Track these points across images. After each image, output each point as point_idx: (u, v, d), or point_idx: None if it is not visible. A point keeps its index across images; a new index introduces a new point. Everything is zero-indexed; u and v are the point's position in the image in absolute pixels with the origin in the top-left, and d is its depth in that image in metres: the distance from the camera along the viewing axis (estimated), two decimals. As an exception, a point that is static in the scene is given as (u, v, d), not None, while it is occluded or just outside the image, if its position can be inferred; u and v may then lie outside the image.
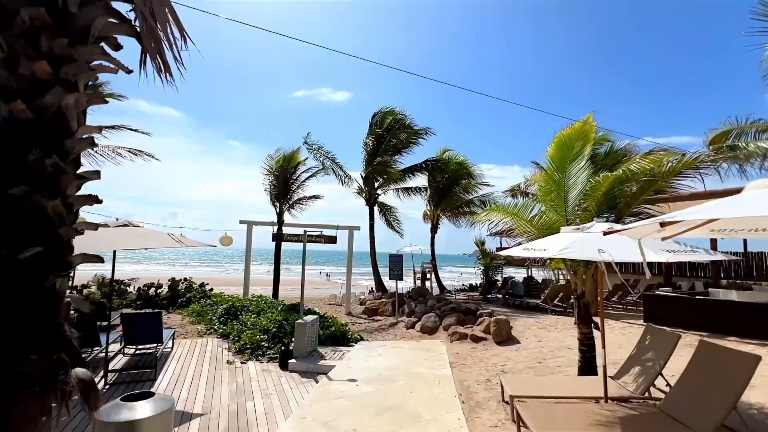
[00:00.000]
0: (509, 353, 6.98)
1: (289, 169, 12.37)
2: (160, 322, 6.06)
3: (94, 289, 11.90)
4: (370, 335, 9.87)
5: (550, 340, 7.75)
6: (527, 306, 12.52)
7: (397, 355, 6.89)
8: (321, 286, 31.33)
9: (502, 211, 4.87)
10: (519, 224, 4.90)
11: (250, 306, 9.55)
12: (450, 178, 18.40)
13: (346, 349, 7.24)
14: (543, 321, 9.75)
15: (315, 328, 7.05)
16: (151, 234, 5.94)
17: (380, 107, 17.01)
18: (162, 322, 6.12)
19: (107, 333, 5.94)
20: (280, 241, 12.67)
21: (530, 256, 4.25)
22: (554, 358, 6.43)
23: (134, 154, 10.33)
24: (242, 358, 6.75)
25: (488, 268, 13.59)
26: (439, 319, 10.09)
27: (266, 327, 7.57)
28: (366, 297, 15.81)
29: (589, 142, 4.82)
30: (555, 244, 3.23)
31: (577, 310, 4.70)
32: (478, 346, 7.63)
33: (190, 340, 8.06)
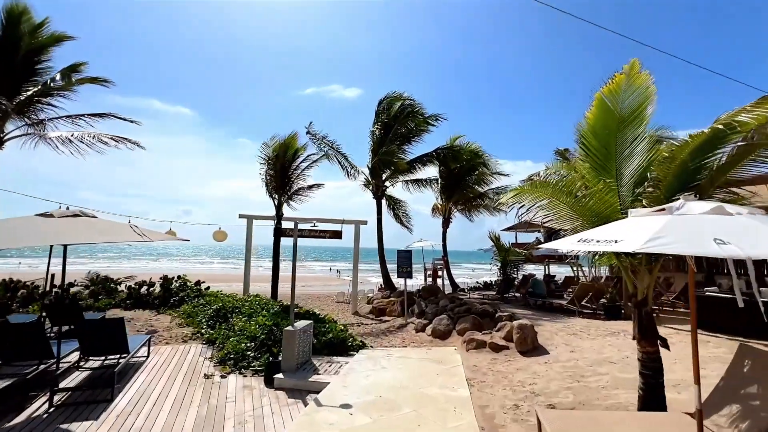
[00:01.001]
0: (537, 367, 5.86)
1: (288, 157, 11.38)
2: (121, 329, 5.13)
3: (82, 288, 11.18)
4: (376, 339, 8.86)
5: (585, 350, 6.59)
6: (550, 307, 11.31)
7: (404, 369, 5.84)
8: (331, 283, 30.60)
9: (536, 190, 3.74)
10: (558, 208, 3.78)
11: (243, 307, 8.63)
12: (463, 168, 17.18)
13: (345, 360, 6.23)
14: (571, 325, 8.56)
15: (308, 335, 6.05)
16: (109, 227, 5.00)
17: (387, 92, 15.87)
18: (125, 329, 5.18)
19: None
20: (280, 236, 11.73)
21: (592, 250, 3.13)
22: (595, 376, 5.28)
23: (116, 141, 9.48)
24: (223, 371, 5.80)
25: (505, 265, 12.41)
26: (452, 322, 9.01)
27: (254, 333, 6.61)
28: (374, 296, 14.81)
29: (648, 98, 3.65)
30: (633, 233, 2.14)
31: (638, 322, 3.56)
32: (498, 357, 6.53)
33: (171, 346, 7.18)
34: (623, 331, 7.90)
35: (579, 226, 3.72)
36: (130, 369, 5.73)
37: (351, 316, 12.84)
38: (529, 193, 3.84)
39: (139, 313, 10.22)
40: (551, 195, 3.76)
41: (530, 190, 3.83)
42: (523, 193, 3.90)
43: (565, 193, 3.71)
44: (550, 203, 3.82)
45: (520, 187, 3.94)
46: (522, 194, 3.91)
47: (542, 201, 3.83)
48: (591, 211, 3.66)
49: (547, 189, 3.77)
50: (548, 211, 3.88)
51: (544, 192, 3.78)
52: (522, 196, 3.91)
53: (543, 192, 3.78)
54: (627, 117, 3.74)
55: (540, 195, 3.81)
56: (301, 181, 11.92)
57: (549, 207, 3.85)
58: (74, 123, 10.17)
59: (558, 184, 3.71)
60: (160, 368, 5.87)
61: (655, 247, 1.91)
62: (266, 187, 11.49)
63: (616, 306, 9.46)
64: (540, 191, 3.79)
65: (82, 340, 5.04)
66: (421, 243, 17.13)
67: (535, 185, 3.80)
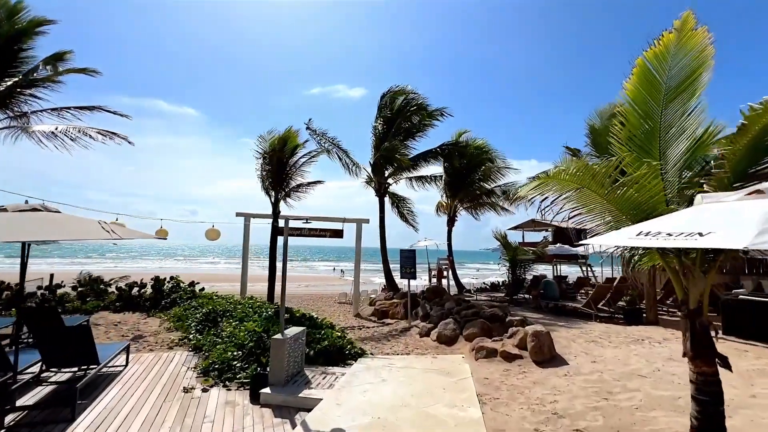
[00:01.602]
0: (557, 380, 5.21)
1: (285, 152, 10.80)
2: (87, 337, 4.56)
3: (69, 289, 10.70)
4: (377, 345, 8.26)
5: (608, 360, 5.92)
6: (563, 310, 10.63)
7: (407, 382, 5.22)
8: (334, 283, 30.06)
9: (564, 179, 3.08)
10: (590, 199, 3.14)
11: (235, 310, 8.05)
12: (468, 164, 16.50)
13: (341, 371, 5.62)
14: (589, 331, 7.89)
15: (299, 344, 5.45)
16: (72, 223, 4.43)
17: (390, 86, 15.24)
18: (91, 338, 4.61)
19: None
20: (277, 235, 11.16)
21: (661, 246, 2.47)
22: (625, 392, 4.62)
23: (103, 135, 8.95)
24: (205, 383, 5.22)
25: (515, 265, 11.75)
26: (458, 326, 8.38)
27: (242, 340, 6.03)
28: (376, 297, 14.20)
29: (704, 62, 2.97)
30: (727, 225, 1.51)
31: (691, 336, 2.91)
32: (512, 368, 5.89)
33: (154, 353, 6.62)
34: (648, 338, 7.22)
35: (614, 221, 3.08)
36: (102, 381, 5.16)
37: (352, 318, 12.26)
38: (556, 182, 3.19)
39: (128, 315, 9.71)
40: (581, 183, 3.11)
41: (556, 179, 3.18)
42: (547, 182, 3.25)
43: (599, 181, 3.05)
44: (580, 194, 3.18)
45: (543, 176, 3.28)
46: (546, 184, 3.26)
47: (569, 191, 3.19)
48: (630, 202, 3.02)
49: (576, 177, 3.11)
50: (577, 204, 3.24)
51: (572, 181, 3.13)
52: (545, 186, 3.26)
53: (571, 181, 3.13)
54: (676, 86, 3.09)
55: (567, 184, 3.16)
56: (300, 178, 11.34)
57: (578, 198, 3.21)
58: (60, 116, 9.68)
59: (590, 170, 3.06)
60: (137, 380, 5.31)
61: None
62: (262, 183, 10.92)
63: (636, 309, 8.77)
64: (568, 180, 3.14)
65: (42, 351, 4.47)
66: (426, 242, 16.51)
67: (562, 173, 3.14)
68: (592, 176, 3.05)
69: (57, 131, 8.73)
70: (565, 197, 3.24)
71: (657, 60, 3.11)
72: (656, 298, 8.74)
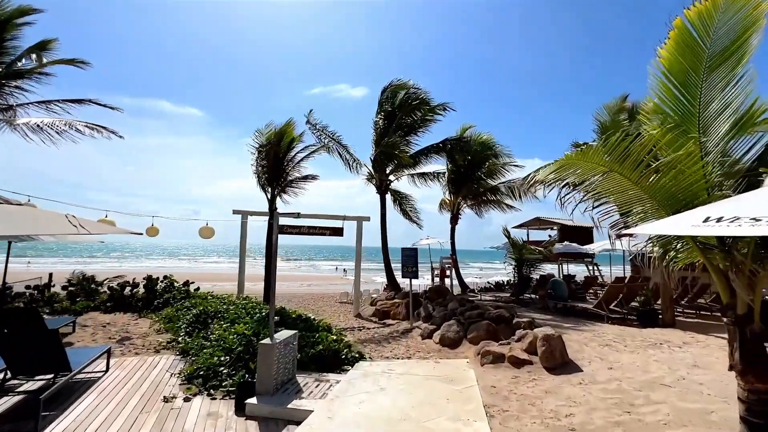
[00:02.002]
0: (571, 389, 4.76)
1: (282, 146, 10.39)
2: (55, 341, 4.17)
3: (59, 289, 10.35)
4: (377, 347, 7.85)
5: (626, 366, 5.46)
6: (573, 311, 10.15)
7: (407, 390, 4.79)
8: (336, 282, 29.68)
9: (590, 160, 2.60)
10: (619, 186, 2.69)
11: (227, 311, 7.65)
12: (472, 160, 16.01)
13: (336, 379, 5.20)
14: (602, 333, 7.42)
15: (290, 349, 5.03)
16: (39, 217, 4.03)
17: (391, 79, 14.78)
18: (59, 342, 4.22)
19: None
20: (274, 233, 10.75)
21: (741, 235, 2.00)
22: (648, 405, 4.16)
23: (91, 128, 8.57)
24: (188, 391, 4.81)
25: (521, 264, 11.28)
26: (462, 328, 7.95)
27: (231, 344, 5.62)
28: (378, 296, 13.78)
29: (756, 23, 2.49)
30: None
31: (740, 346, 2.45)
32: (521, 375, 5.44)
33: (139, 357, 6.23)
34: (666, 341, 6.74)
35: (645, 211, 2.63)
36: (78, 389, 4.77)
37: (352, 318, 11.87)
38: (580, 164, 2.72)
39: (119, 316, 9.35)
40: (609, 166, 2.65)
41: (581, 160, 2.71)
42: (569, 164, 2.79)
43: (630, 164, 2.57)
44: (607, 180, 2.73)
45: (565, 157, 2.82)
46: (567, 166, 2.79)
47: (595, 176, 2.73)
48: (665, 190, 2.56)
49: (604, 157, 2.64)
50: (602, 191, 2.78)
51: (599, 162, 2.66)
52: (567, 169, 2.80)
53: (598, 162, 2.67)
54: (721, 52, 2.63)
55: (593, 167, 2.70)
56: (297, 173, 10.92)
57: (604, 185, 2.75)
58: (49, 110, 9.33)
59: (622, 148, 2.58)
60: (115, 387, 4.91)
61: None
62: (258, 179, 10.52)
63: (651, 310, 8.28)
64: (594, 161, 2.67)
65: (5, 356, 4.08)
66: (428, 240, 16.05)
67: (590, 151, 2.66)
68: (623, 157, 2.58)
69: (42, 124, 8.36)
70: (590, 183, 2.78)
71: (700, 20, 2.64)
72: (673, 298, 8.24)
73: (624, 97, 16.25)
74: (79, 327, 8.15)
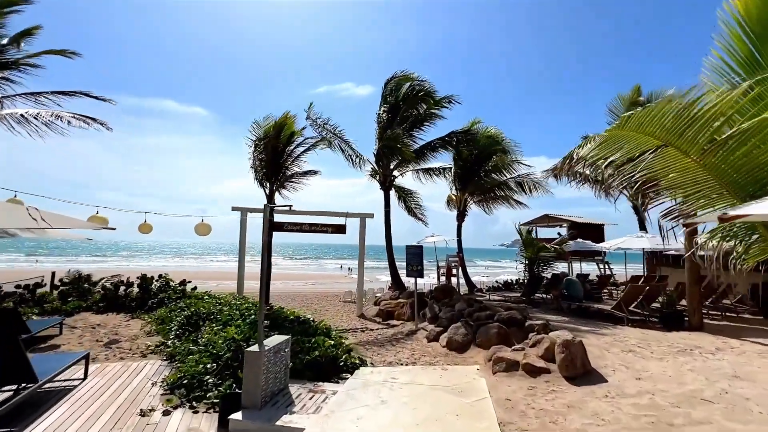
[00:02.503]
0: (597, 404, 4.21)
1: (281, 139, 9.91)
2: (15, 347, 3.72)
3: (49, 289, 10.00)
4: (380, 350, 7.37)
5: (657, 377, 4.89)
6: (588, 312, 9.55)
7: (411, 403, 4.28)
8: (341, 281, 29.29)
9: (640, 130, 2.05)
10: (676, 164, 2.14)
11: (220, 312, 7.20)
12: (479, 155, 15.41)
13: (333, 389, 4.70)
14: (623, 338, 6.84)
15: (282, 356, 4.55)
16: None
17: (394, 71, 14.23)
18: (20, 348, 3.77)
19: None
20: (272, 230, 10.31)
21: None
22: (692, 425, 3.60)
23: (78, 119, 8.17)
24: (169, 403, 4.35)
25: (533, 263, 10.71)
26: (471, 331, 7.43)
27: (219, 350, 5.15)
28: (382, 296, 13.28)
29: None
30: None
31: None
32: (538, 385, 4.90)
33: (123, 362, 5.79)
34: (696, 347, 6.14)
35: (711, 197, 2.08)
36: (49, 400, 4.34)
37: (356, 319, 11.41)
38: (629, 136, 2.16)
39: (111, 317, 8.96)
40: (664, 139, 2.10)
41: (628, 133, 2.15)
42: (614, 139, 2.22)
43: (691, 138, 2.00)
44: (661, 156, 2.18)
45: (613, 128, 2.25)
46: (612, 141, 2.23)
47: (648, 151, 2.18)
48: (737, 168, 2.01)
49: (658, 127, 2.08)
50: (652, 172, 2.23)
51: (653, 133, 2.11)
52: (611, 146, 2.23)
53: (651, 133, 2.11)
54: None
55: (643, 142, 2.15)
56: (296, 168, 10.45)
57: (657, 163, 2.20)
58: (38, 102, 8.95)
59: (685, 115, 2.02)
60: (90, 398, 4.47)
61: None
62: (255, 173, 10.06)
63: (676, 312, 7.67)
64: (644, 133, 2.11)
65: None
66: (434, 238, 15.51)
67: (641, 119, 2.10)
68: (685, 126, 2.02)
69: (28, 115, 7.97)
70: (640, 161, 2.23)
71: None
72: (701, 299, 7.63)
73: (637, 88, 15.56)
74: (67, 328, 7.77)
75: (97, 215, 8.57)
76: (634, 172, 2.21)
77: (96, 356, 6.10)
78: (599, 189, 15.75)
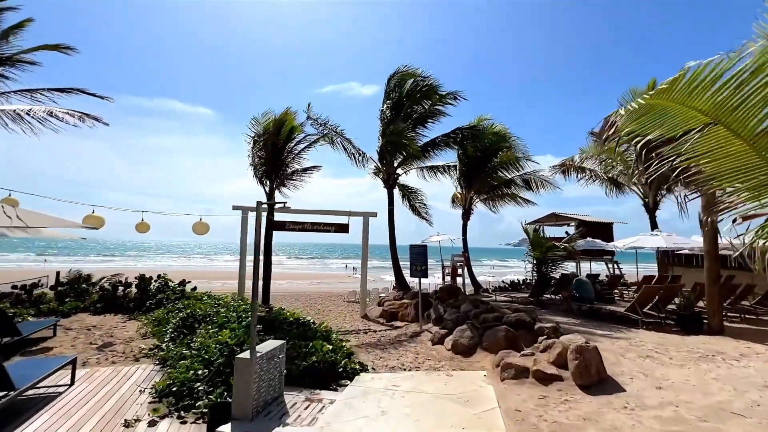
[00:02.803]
0: (616, 416, 3.88)
1: (282, 135, 9.65)
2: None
3: (47, 289, 9.84)
4: (383, 353, 7.08)
5: (679, 386, 4.53)
6: (599, 314, 9.18)
7: (414, 414, 3.98)
8: (346, 281, 29.05)
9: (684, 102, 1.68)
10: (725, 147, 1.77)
11: (217, 314, 6.96)
12: (485, 152, 15.03)
13: (330, 397, 4.42)
14: (638, 342, 6.48)
15: (276, 363, 4.27)
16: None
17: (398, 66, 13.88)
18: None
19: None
20: (273, 229, 10.06)
21: None
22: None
23: (71, 115, 7.96)
24: (156, 413, 4.10)
25: (541, 262, 10.34)
26: (477, 333, 7.12)
27: (212, 355, 4.89)
28: (386, 296, 13.00)
29: None
30: None
31: None
32: (549, 394, 4.57)
33: (114, 367, 5.56)
34: (718, 352, 5.77)
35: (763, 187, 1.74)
36: (30, 408, 4.11)
37: (359, 320, 11.14)
38: (670, 107, 1.80)
39: (108, 318, 8.77)
40: (713, 115, 1.75)
41: (669, 104, 1.79)
42: (653, 109, 1.84)
43: (742, 117, 1.66)
44: (705, 138, 1.83)
45: (656, 95, 1.87)
46: (651, 113, 1.86)
47: (694, 128, 1.84)
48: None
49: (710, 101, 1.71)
50: (702, 155, 1.88)
51: (698, 108, 1.75)
52: (649, 119, 1.87)
53: (696, 107, 1.75)
54: None
55: (688, 118, 1.80)
56: (297, 165, 10.18)
57: (702, 145, 1.85)
58: (33, 99, 8.79)
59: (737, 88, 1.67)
60: (75, 406, 4.23)
61: None
62: (254, 170, 9.81)
63: (694, 315, 7.27)
64: (689, 106, 1.76)
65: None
66: (439, 237, 15.18)
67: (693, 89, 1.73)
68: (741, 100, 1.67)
69: (22, 111, 7.79)
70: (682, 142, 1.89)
71: None
72: (721, 301, 7.23)
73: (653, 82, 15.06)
74: (62, 330, 7.59)
75: (93, 214, 8.38)
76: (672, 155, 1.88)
77: (87, 360, 5.89)
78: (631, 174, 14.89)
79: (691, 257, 16.49)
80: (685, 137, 1.88)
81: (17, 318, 7.72)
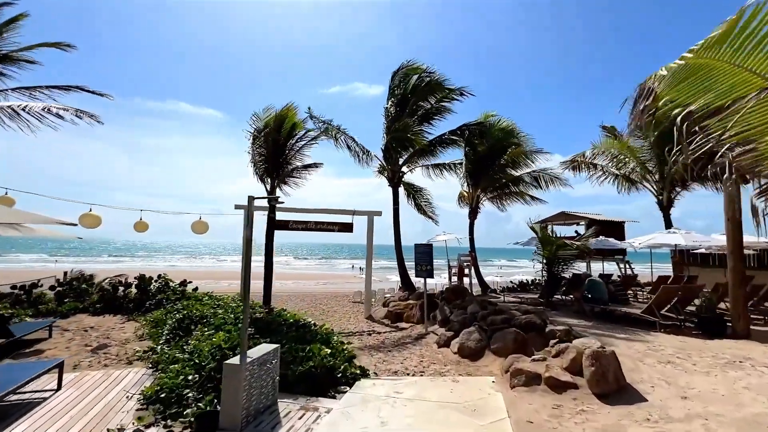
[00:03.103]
0: (637, 429, 3.53)
1: (283, 132, 9.42)
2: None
3: (47, 290, 9.73)
4: (386, 356, 6.80)
5: (705, 395, 4.16)
6: (613, 316, 8.76)
7: (416, 425, 3.68)
8: (352, 281, 28.82)
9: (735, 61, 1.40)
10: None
11: (214, 315, 6.72)
12: (492, 149, 14.64)
13: (328, 405, 4.13)
14: (657, 346, 6.08)
15: (269, 369, 4.00)
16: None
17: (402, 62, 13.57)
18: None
19: None
20: (274, 228, 9.82)
21: None
22: (763, 463, 2.90)
23: (67, 111, 7.81)
24: (141, 421, 3.85)
25: (552, 262, 9.95)
26: (485, 336, 6.80)
27: (204, 359, 4.64)
28: (391, 297, 12.70)
29: None
30: None
31: None
32: (564, 403, 4.23)
33: (105, 371, 5.35)
34: (746, 358, 5.35)
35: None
36: (10, 416, 3.89)
37: (363, 321, 10.86)
38: (719, 68, 1.48)
39: (106, 319, 8.61)
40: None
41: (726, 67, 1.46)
42: (705, 72, 1.52)
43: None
44: (759, 109, 1.52)
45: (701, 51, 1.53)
46: (702, 76, 1.54)
47: (747, 96, 1.52)
48: None
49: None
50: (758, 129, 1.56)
51: (754, 69, 1.45)
52: (698, 81, 1.55)
53: (751, 69, 1.45)
54: None
55: (741, 81, 1.49)
56: (298, 162, 9.94)
57: (759, 116, 1.53)
58: (32, 97, 8.67)
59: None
60: (58, 413, 4.01)
61: None
62: (254, 168, 9.59)
63: (717, 317, 6.84)
64: (742, 68, 1.46)
65: None
66: (445, 237, 14.85)
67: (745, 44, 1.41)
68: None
69: (18, 108, 7.66)
70: (726, 115, 1.57)
71: None
72: (747, 302, 6.79)
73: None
74: (59, 331, 7.44)
75: (90, 213, 8.22)
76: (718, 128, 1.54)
77: (79, 363, 5.70)
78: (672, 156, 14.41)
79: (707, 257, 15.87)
80: (735, 107, 1.55)
81: (14, 319, 7.59)
